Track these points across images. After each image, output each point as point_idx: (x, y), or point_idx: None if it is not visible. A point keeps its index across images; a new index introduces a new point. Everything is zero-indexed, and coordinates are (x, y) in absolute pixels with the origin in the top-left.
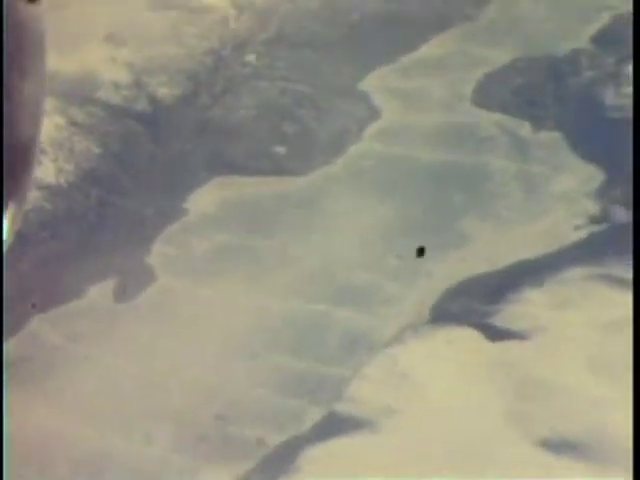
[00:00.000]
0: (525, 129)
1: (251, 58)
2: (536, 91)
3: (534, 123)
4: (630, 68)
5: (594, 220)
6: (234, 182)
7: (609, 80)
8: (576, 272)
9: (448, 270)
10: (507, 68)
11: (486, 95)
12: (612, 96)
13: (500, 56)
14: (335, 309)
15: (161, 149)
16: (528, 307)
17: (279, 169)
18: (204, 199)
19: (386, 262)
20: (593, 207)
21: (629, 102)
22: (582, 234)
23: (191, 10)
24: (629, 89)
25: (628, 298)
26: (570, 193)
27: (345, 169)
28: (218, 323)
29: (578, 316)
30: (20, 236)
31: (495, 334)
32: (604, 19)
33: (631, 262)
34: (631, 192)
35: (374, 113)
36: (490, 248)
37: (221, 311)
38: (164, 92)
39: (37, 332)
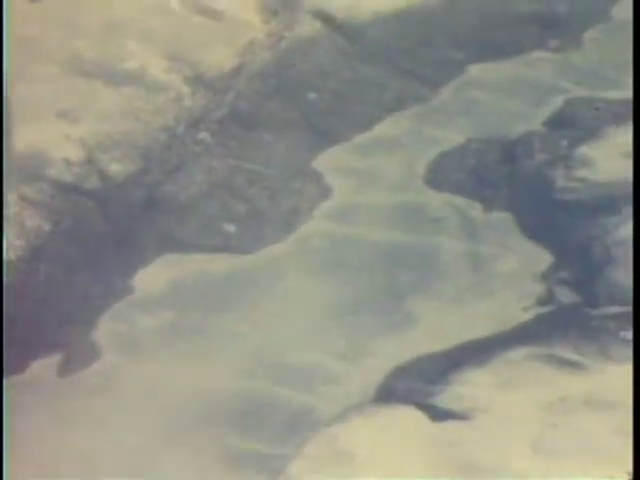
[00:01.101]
0: (476, 210)
1: (205, 136)
2: (489, 172)
3: (485, 204)
4: (582, 150)
5: (541, 301)
6: (183, 260)
7: (560, 163)
8: (521, 352)
9: (394, 350)
10: (461, 149)
11: (439, 175)
12: (562, 178)
13: (454, 137)
14: (279, 388)
15: (111, 226)
16: (471, 387)
17: (229, 247)
18: (152, 276)
19: (333, 341)
20: (540, 288)
21: (579, 185)
22: (529, 315)
23: (146, 87)
24: (579, 172)
25: (571, 378)
26: (518, 274)
27: (294, 248)
28: (162, 399)
29: (521, 396)
30: None
31: (437, 414)
32: (558, 103)
33: (576, 342)
34: (577, 274)
35: (326, 192)
36: (437, 328)
37: (165, 387)
38: (116, 169)
39: None
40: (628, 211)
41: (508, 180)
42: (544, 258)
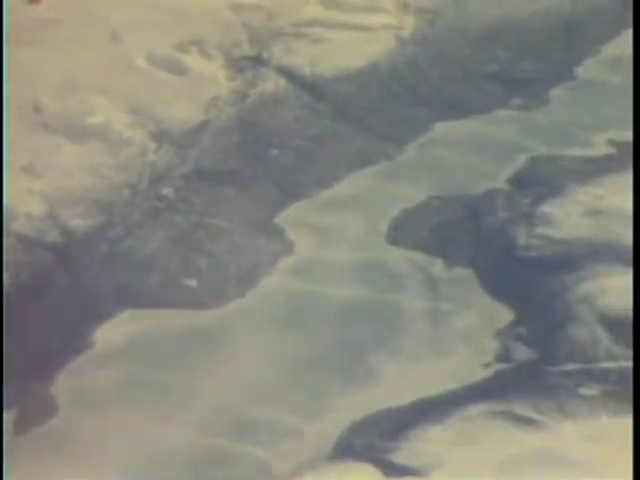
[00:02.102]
0: (437, 266)
1: (168, 191)
2: (451, 229)
3: (447, 261)
4: (544, 208)
5: (501, 358)
6: (144, 315)
7: (522, 220)
8: (478, 409)
9: (353, 406)
10: (424, 206)
11: (401, 232)
12: (524, 236)
13: (417, 194)
14: (237, 444)
15: (71, 280)
16: (429, 444)
17: (190, 302)
18: (113, 331)
19: (291, 397)
20: (500, 345)
21: (541, 242)
22: (488, 372)
23: (110, 143)
24: (541, 229)
25: (527, 435)
26: (478, 331)
27: (255, 303)
28: (120, 455)
29: (477, 453)
30: None
31: (393, 471)
32: (521, 161)
33: (533, 399)
34: (535, 331)
35: (288, 248)
36: (395, 384)
37: (122, 443)
38: (77, 223)
39: None
40: (588, 268)
41: (470, 237)
42: (505, 315)
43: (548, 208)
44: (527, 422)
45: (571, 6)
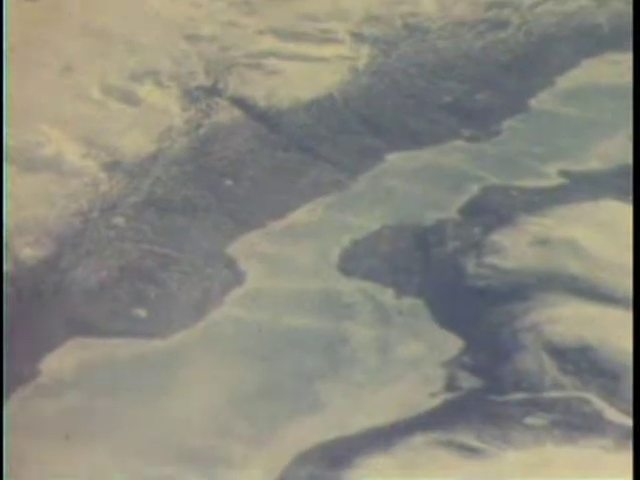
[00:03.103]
0: (388, 296)
1: (119, 221)
2: (402, 259)
3: (397, 290)
4: (493, 237)
5: (448, 388)
6: (92, 344)
7: (471, 250)
8: (423, 438)
9: (300, 435)
10: (375, 236)
11: (352, 262)
12: (473, 266)
13: (369, 224)
14: (183, 473)
15: (22, 309)
16: (374, 472)
17: (138, 332)
18: (60, 360)
19: (239, 427)
20: (448, 375)
21: (489, 272)
22: (436, 401)
23: (62, 173)
24: (489, 259)
25: (470, 464)
26: (426, 360)
27: (204, 333)
28: None
29: None
30: None
31: None
32: (473, 191)
33: (479, 428)
34: (483, 361)
35: (239, 278)
36: (343, 413)
37: (68, 474)
38: (28, 253)
39: None
40: (536, 297)
41: (421, 267)
42: (453, 344)
43: (497, 238)
44: (471, 451)
45: (526, 38)
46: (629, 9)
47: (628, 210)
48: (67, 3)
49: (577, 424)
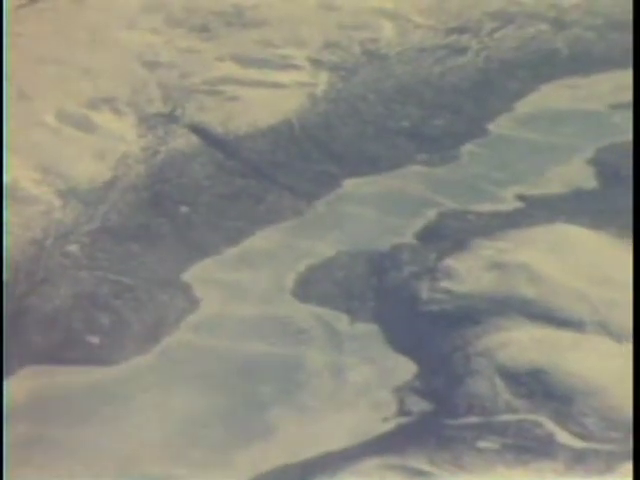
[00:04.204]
0: (342, 321)
1: (73, 248)
2: (357, 285)
3: (352, 316)
4: (447, 262)
5: (401, 412)
6: (45, 371)
7: (426, 275)
8: (374, 462)
9: (252, 461)
10: (331, 262)
11: (307, 288)
12: (427, 290)
13: (325, 250)
14: None
15: None
16: None
17: (92, 359)
18: (14, 388)
19: (192, 453)
20: (401, 399)
21: (443, 296)
22: (389, 426)
23: (17, 200)
24: (444, 283)
25: None
26: (380, 385)
27: (159, 360)
28: None
29: None
30: None
31: None
32: (430, 216)
33: (430, 452)
34: (436, 385)
35: (193, 304)
36: (295, 439)
37: None
38: None
39: None
40: (490, 322)
41: (375, 292)
42: (407, 369)
43: (452, 262)
44: (423, 475)
45: (485, 63)
46: (587, 34)
47: (582, 233)
48: (24, 30)
49: (529, 447)
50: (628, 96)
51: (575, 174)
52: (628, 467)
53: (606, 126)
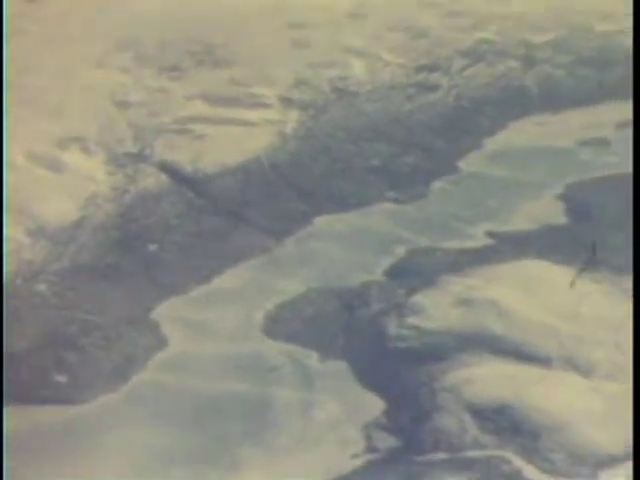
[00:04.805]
0: (312, 359)
1: (42, 288)
2: (326, 322)
3: (321, 353)
4: (415, 299)
5: (368, 449)
6: (12, 411)
7: (394, 311)
8: None
9: None
10: (300, 299)
11: (277, 325)
12: (395, 327)
13: (295, 287)
14: None
15: None
16: None
17: (59, 398)
18: None
19: None
20: (369, 436)
21: (411, 332)
22: (357, 462)
23: None
24: (411, 320)
25: None
26: (349, 422)
27: (127, 398)
28: None
29: None
30: None
31: None
32: (400, 253)
33: None
34: (403, 421)
35: (162, 342)
36: (262, 477)
37: None
38: None
39: None
40: (456, 358)
41: (345, 329)
42: (375, 405)
43: (420, 299)
44: None
45: (455, 101)
46: (556, 72)
47: (550, 269)
48: None
49: None
50: (596, 133)
51: (544, 210)
52: None
53: (575, 163)
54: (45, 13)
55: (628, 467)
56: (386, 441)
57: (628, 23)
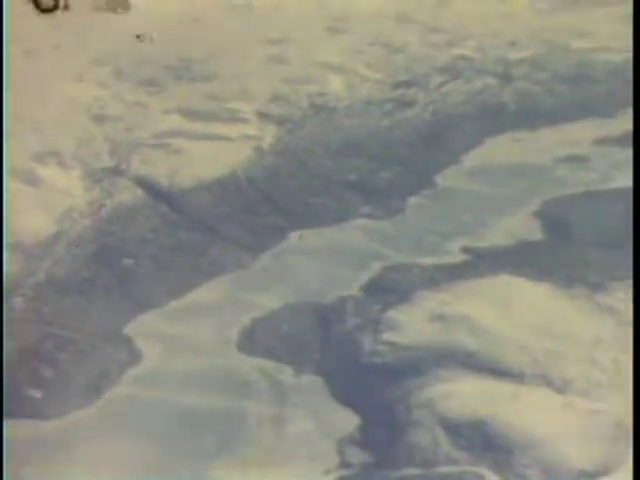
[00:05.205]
0: (286, 374)
1: (17, 302)
2: (301, 337)
3: (296, 368)
4: (391, 314)
5: (341, 464)
6: None
7: (369, 327)
8: None
9: None
10: (275, 314)
11: (252, 340)
12: (370, 342)
13: (270, 302)
14: None
15: None
16: None
17: (33, 413)
18: None
19: None
20: (342, 451)
21: (386, 348)
22: (330, 478)
23: None
24: (387, 335)
25: None
26: (323, 437)
27: (101, 413)
28: None
29: None
30: None
31: None
32: (376, 268)
33: None
34: (378, 437)
35: (136, 357)
36: None
37: None
38: None
39: None
40: (432, 373)
41: (320, 344)
42: (349, 421)
43: (395, 314)
44: None
45: (432, 117)
46: (534, 88)
47: (525, 285)
48: None
49: None
50: (573, 149)
51: (521, 226)
52: None
53: (552, 179)
54: (22, 27)
55: None
56: (360, 456)
57: (605, 41)
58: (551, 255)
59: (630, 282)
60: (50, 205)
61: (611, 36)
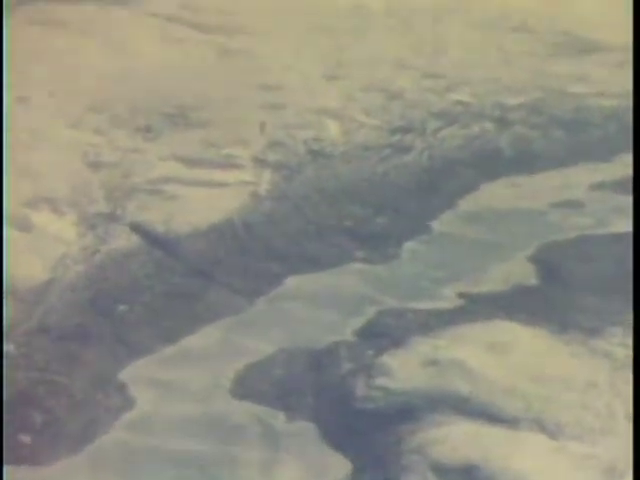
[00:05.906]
0: (279, 419)
1: (9, 348)
2: (294, 382)
3: (289, 413)
4: (383, 359)
5: None
6: None
7: (362, 372)
8: None
9: None
10: (269, 359)
11: (245, 386)
12: (363, 387)
13: (264, 347)
14: None
15: None
16: None
17: (23, 459)
18: None
19: None
20: None
21: (378, 393)
22: None
23: None
24: (380, 380)
25: None
26: None
27: (91, 459)
28: None
29: None
30: None
31: None
32: (370, 313)
33: None
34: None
35: (128, 403)
36: None
37: None
38: None
39: None
40: (424, 418)
41: (313, 389)
42: (341, 466)
43: (388, 359)
44: None
45: (428, 162)
46: (530, 133)
47: (519, 330)
48: None
49: None
50: (570, 194)
51: (515, 272)
52: None
53: (547, 224)
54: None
55: None
56: None
57: (601, 86)
58: (546, 300)
59: (624, 327)
60: (43, 251)
61: (607, 81)
